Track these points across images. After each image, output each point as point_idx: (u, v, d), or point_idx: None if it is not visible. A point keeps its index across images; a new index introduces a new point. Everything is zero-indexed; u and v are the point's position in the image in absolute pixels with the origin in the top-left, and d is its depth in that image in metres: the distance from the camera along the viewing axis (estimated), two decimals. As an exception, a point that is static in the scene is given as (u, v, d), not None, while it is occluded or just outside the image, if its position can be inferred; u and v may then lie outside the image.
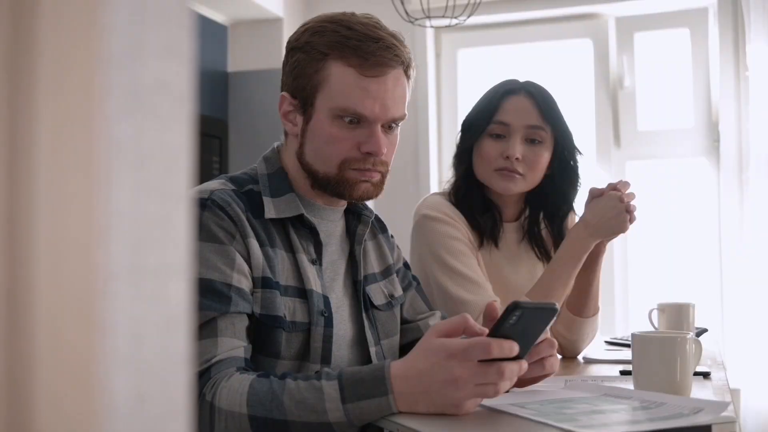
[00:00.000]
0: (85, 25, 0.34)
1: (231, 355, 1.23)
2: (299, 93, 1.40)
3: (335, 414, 1.12)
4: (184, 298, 0.42)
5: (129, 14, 0.37)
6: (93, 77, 0.34)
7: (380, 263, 1.62)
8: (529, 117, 1.95)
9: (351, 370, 1.16)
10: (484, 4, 3.54)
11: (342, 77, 1.36)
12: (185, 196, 0.42)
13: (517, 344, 1.12)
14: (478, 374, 1.10)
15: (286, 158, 1.48)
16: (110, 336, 0.36)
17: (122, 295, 0.37)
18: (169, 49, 0.40)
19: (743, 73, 3.62)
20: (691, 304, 2.07)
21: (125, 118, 0.37)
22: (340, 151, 1.38)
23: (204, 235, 1.29)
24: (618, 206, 1.87)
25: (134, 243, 0.39)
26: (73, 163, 0.35)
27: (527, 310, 1.12)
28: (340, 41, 1.35)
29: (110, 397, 0.36)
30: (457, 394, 1.11)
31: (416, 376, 1.12)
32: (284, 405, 1.14)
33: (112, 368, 0.36)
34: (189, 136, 0.42)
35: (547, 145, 1.97)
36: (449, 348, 1.11)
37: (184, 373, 0.42)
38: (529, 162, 1.95)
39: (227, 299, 1.26)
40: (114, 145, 0.36)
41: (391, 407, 1.13)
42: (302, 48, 1.39)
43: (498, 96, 1.99)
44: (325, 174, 1.40)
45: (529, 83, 2.01)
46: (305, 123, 1.41)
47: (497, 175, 1.96)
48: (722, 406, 1.18)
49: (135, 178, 0.38)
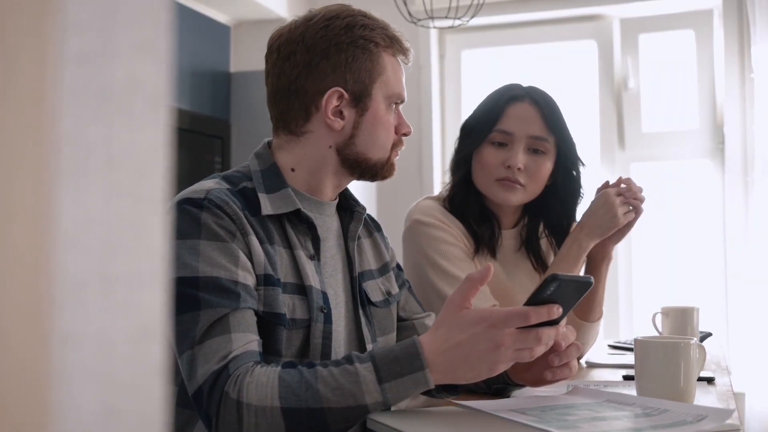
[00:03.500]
0: (42, 21, 0.32)
1: (247, 349, 1.23)
2: (354, 86, 1.42)
3: (373, 395, 1.16)
4: (158, 307, 0.40)
5: (96, 11, 0.35)
6: (48, 76, 0.33)
7: (377, 260, 1.62)
8: (533, 126, 1.90)
9: (382, 351, 1.20)
10: (487, 5, 3.52)
11: (391, 66, 1.46)
12: (160, 199, 0.40)
13: (555, 305, 1.19)
14: (518, 341, 1.17)
15: (279, 154, 1.47)
16: (75, 348, 0.34)
17: (89, 304, 0.36)
18: (142, 48, 0.39)
19: (748, 75, 3.60)
20: (695, 308, 2.05)
21: (93, 119, 0.36)
22: (392, 135, 1.48)
23: (205, 234, 1.28)
24: (608, 202, 1.88)
25: (104, 249, 0.37)
26: (28, 166, 0.33)
27: (564, 282, 1.18)
28: (385, 33, 1.46)
29: (73, 411, 0.34)
30: (497, 359, 1.17)
31: (453, 347, 1.18)
32: (320, 393, 1.16)
33: (76, 381, 0.34)
34: (165, 137, 0.40)
35: (550, 156, 1.92)
36: (489, 318, 1.18)
37: (158, 384, 0.40)
38: (530, 172, 1.89)
39: (236, 296, 1.25)
40: (80, 147, 0.35)
41: (428, 381, 1.18)
42: (354, 43, 1.42)
43: (502, 102, 1.93)
44: (379, 160, 1.47)
45: (534, 89, 1.95)
46: (359, 115, 1.44)
47: (497, 185, 1.90)
48: (726, 413, 1.16)
49: (105, 180, 0.37)
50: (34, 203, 0.33)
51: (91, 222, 0.36)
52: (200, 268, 1.25)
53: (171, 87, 0.40)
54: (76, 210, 0.35)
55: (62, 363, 0.34)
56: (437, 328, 1.21)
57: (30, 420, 0.33)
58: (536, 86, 1.97)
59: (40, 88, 0.32)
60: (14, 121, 0.33)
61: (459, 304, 1.21)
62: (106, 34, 0.36)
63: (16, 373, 0.33)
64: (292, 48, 1.43)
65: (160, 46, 0.40)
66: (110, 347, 0.37)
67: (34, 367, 0.33)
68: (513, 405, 1.29)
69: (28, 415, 0.33)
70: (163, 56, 0.40)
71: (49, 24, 0.32)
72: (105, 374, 0.37)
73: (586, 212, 1.92)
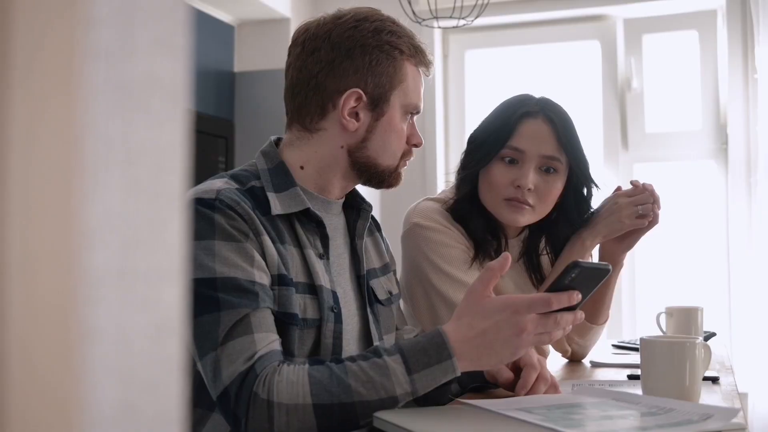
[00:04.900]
0: (68, 17, 0.33)
1: (271, 349, 1.24)
2: (374, 90, 1.43)
3: (403, 387, 1.20)
4: (176, 302, 0.40)
5: (118, 7, 0.35)
6: (75, 71, 0.33)
7: (379, 259, 1.63)
8: (546, 146, 1.81)
9: (409, 342, 1.24)
10: (491, 5, 3.52)
11: (413, 76, 1.47)
12: (179, 196, 0.40)
13: (575, 291, 1.23)
14: (539, 325, 1.22)
15: (288, 151, 1.46)
16: (95, 343, 0.34)
17: (109, 300, 0.36)
18: (161, 44, 0.39)
19: (752, 76, 3.60)
20: (699, 308, 2.05)
21: (114, 115, 0.36)
22: (403, 144, 1.49)
23: (219, 234, 1.28)
24: (616, 205, 1.87)
25: (123, 245, 0.37)
26: (52, 160, 0.33)
27: (584, 269, 1.22)
28: (411, 43, 1.47)
29: (94, 406, 0.34)
30: (519, 344, 1.22)
31: (479, 335, 1.22)
32: (351, 387, 1.19)
33: (97, 376, 0.34)
34: (183, 133, 0.40)
35: (561, 175, 1.84)
36: (513, 305, 1.22)
37: (177, 379, 0.40)
38: (540, 193, 1.82)
39: (254, 295, 1.26)
40: (101, 142, 0.35)
41: (456, 369, 1.21)
42: (380, 47, 1.43)
43: (515, 118, 1.83)
44: (387, 167, 1.48)
45: (548, 103, 1.85)
46: (374, 119, 1.44)
47: (505, 205, 1.82)
48: (732, 412, 1.16)
49: (125, 176, 0.37)
50: (57, 199, 0.33)
51: (110, 217, 0.36)
52: (217, 269, 1.25)
53: (188, 84, 0.40)
54: (96, 206, 0.35)
55: (84, 358, 0.34)
56: (460, 317, 1.25)
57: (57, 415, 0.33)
58: (549, 99, 1.88)
59: (66, 84, 0.33)
60: (40, 116, 0.33)
61: (481, 292, 1.25)
62: (125, 30, 0.36)
63: (42, 368, 0.33)
64: (318, 44, 1.43)
65: (177, 42, 0.40)
66: (129, 343, 0.37)
67: (59, 362, 0.33)
68: (519, 404, 1.30)
69: (56, 409, 0.33)
70: (180, 53, 0.40)
71: (75, 19, 0.32)
72: (124, 369, 0.37)
73: (594, 211, 1.93)
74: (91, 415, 0.34)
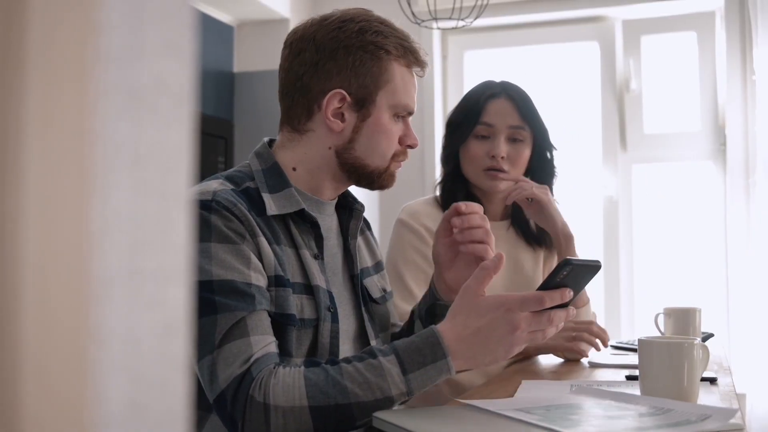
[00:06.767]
0: (80, 21, 0.33)
1: (267, 351, 1.24)
2: (358, 90, 1.42)
3: (398, 387, 1.21)
4: (182, 302, 0.40)
5: (127, 11, 0.36)
6: (86, 75, 0.33)
7: (371, 258, 1.65)
8: (511, 118, 2.11)
9: (403, 343, 1.24)
10: (490, 6, 3.53)
11: (401, 76, 1.45)
12: (184, 196, 0.41)
13: (567, 289, 1.25)
14: (532, 323, 1.24)
15: (281, 153, 1.47)
16: (105, 343, 0.35)
17: (118, 300, 0.36)
18: (169, 47, 0.39)
19: (750, 77, 3.60)
20: (697, 309, 2.06)
21: (123, 117, 0.36)
22: (393, 145, 1.48)
23: (216, 236, 1.28)
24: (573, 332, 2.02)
25: (131, 246, 0.37)
26: (64, 162, 0.33)
27: (576, 266, 1.24)
28: (400, 43, 1.45)
29: (103, 405, 0.34)
30: (513, 341, 1.24)
31: (473, 333, 1.23)
32: (347, 389, 1.19)
33: (107, 375, 0.35)
34: (189, 135, 0.41)
35: (528, 143, 2.14)
36: (506, 303, 1.23)
37: (182, 379, 0.41)
38: (512, 160, 2.11)
39: (251, 298, 1.26)
40: (111, 145, 0.35)
41: (450, 368, 1.23)
42: (364, 47, 1.42)
43: (482, 99, 2.14)
44: (376, 168, 1.47)
45: (508, 85, 2.16)
46: (360, 120, 1.44)
47: (485, 175, 2.12)
48: (730, 413, 1.17)
49: (133, 178, 0.37)
50: (68, 201, 0.34)
51: (119, 219, 0.37)
52: (214, 272, 1.25)
53: (195, 86, 0.41)
54: (106, 207, 0.35)
55: (95, 358, 0.34)
56: (454, 315, 1.26)
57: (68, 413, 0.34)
58: (509, 81, 2.19)
59: (77, 87, 0.33)
60: (51, 119, 0.33)
61: (475, 291, 1.26)
62: (135, 34, 0.37)
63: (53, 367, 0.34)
64: (303, 45, 1.43)
65: (184, 45, 0.41)
66: (138, 342, 0.38)
67: (71, 361, 0.34)
68: (518, 404, 1.30)
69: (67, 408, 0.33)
70: (187, 56, 0.41)
71: (86, 24, 0.33)
72: (133, 368, 0.37)
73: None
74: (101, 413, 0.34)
